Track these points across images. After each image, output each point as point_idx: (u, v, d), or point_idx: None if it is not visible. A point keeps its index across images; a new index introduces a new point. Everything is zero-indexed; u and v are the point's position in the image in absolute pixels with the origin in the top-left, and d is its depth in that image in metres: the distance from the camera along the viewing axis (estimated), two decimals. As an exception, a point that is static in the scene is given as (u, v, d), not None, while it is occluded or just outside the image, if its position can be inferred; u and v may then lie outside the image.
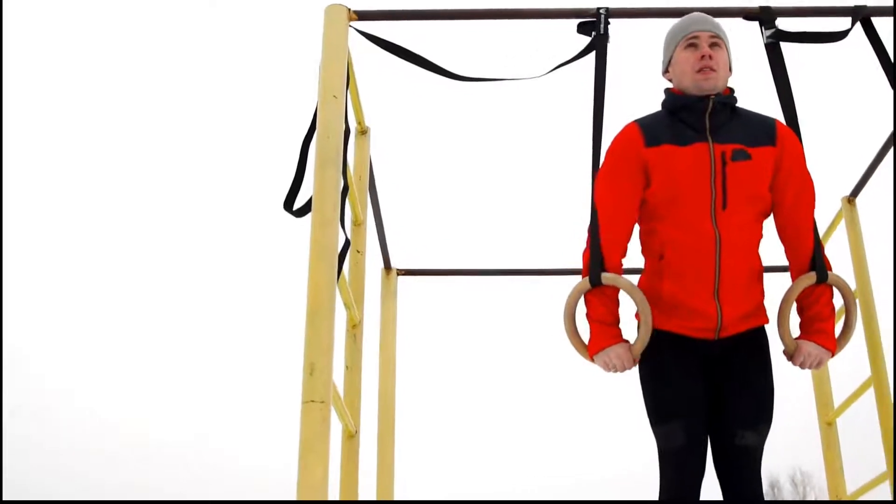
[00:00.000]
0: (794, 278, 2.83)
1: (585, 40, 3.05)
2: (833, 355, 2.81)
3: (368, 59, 3.30)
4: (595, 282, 2.78)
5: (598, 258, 2.78)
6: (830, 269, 2.80)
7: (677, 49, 2.86)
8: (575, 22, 3.07)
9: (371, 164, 3.76)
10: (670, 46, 2.90)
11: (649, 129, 2.80)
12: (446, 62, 3.15)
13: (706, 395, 2.72)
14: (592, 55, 3.01)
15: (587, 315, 2.82)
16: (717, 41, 2.83)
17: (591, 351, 2.79)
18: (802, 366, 2.79)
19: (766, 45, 3.03)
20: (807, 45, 3.08)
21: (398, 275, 4.92)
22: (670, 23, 3.10)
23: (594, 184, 2.86)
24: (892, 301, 4.14)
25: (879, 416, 3.75)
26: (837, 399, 4.44)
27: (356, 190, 3.52)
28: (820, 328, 2.78)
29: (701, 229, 2.70)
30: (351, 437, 3.33)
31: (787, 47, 3.04)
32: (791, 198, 2.79)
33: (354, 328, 3.49)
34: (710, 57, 2.78)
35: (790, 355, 2.79)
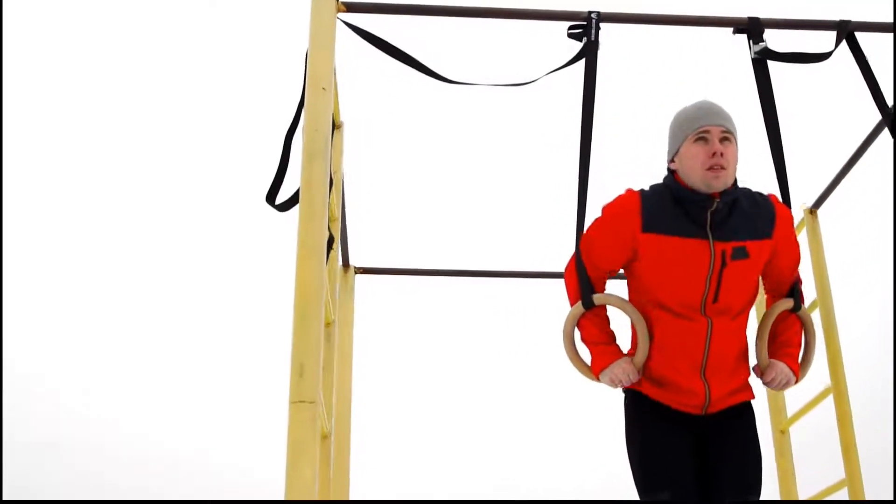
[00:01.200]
0: (770, 300, 2.94)
1: (575, 44, 3.03)
2: (797, 381, 2.90)
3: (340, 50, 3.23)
4: (588, 304, 2.81)
5: (587, 282, 2.81)
6: (803, 302, 2.92)
7: (686, 142, 2.77)
8: (566, 24, 3.06)
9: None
10: (678, 137, 2.81)
11: (649, 212, 2.76)
12: (432, 59, 3.10)
13: (694, 467, 2.73)
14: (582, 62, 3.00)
15: (583, 339, 2.86)
16: (728, 136, 2.75)
17: (595, 371, 2.83)
18: (771, 383, 2.85)
19: (754, 61, 3.04)
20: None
21: (356, 273, 4.86)
22: (661, 30, 3.12)
23: (584, 196, 2.88)
24: (848, 311, 4.22)
25: (839, 426, 3.82)
26: (791, 408, 4.54)
27: (334, 185, 3.45)
28: (789, 353, 2.87)
29: (692, 318, 2.73)
30: (325, 439, 3.26)
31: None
32: (780, 265, 2.88)
33: (328, 327, 3.42)
34: (722, 154, 2.70)
35: (762, 371, 2.85)
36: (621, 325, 2.90)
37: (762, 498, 2.82)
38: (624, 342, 2.92)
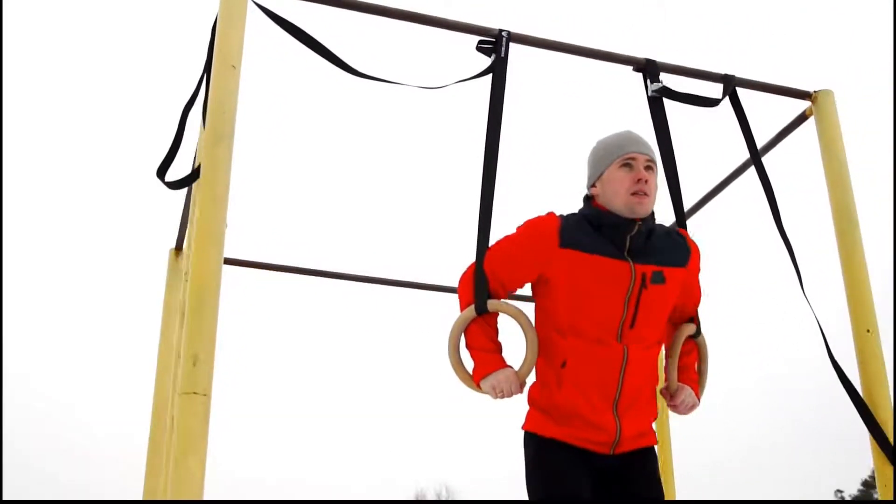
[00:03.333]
0: (671, 327, 2.95)
1: (485, 59, 3.06)
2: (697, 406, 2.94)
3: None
4: (481, 309, 2.73)
5: (484, 287, 2.74)
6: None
7: (611, 167, 2.78)
8: (476, 38, 3.08)
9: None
10: (603, 162, 2.81)
11: (568, 231, 2.73)
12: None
13: None
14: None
15: (468, 345, 2.76)
16: (652, 165, 2.79)
17: (476, 377, 2.73)
18: (680, 405, 2.87)
19: (650, 98, 3.18)
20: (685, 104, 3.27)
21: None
22: (566, 58, 3.20)
23: (487, 207, 2.84)
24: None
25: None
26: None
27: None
28: (691, 377, 2.92)
29: (608, 343, 2.68)
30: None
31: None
32: (687, 301, 2.94)
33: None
34: (646, 181, 2.74)
35: (671, 395, 2.88)
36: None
37: None
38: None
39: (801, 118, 3.51)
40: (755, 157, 3.31)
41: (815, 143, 3.40)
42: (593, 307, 2.68)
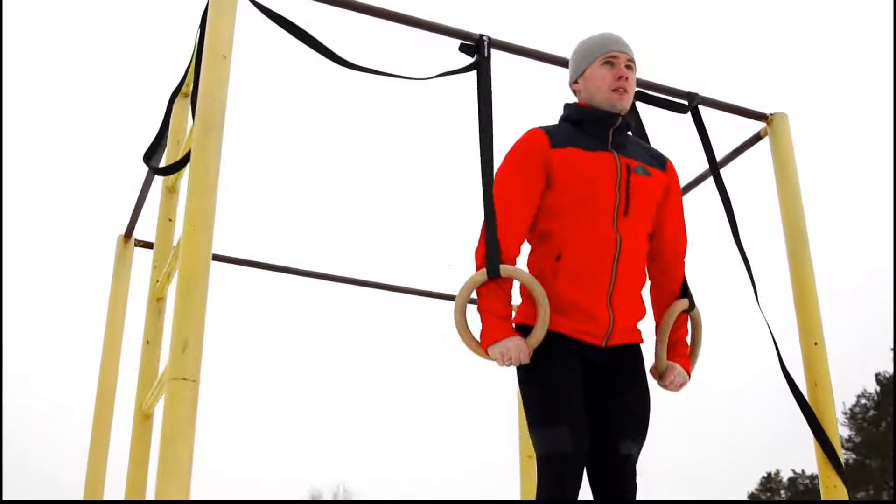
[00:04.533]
0: (662, 303, 2.95)
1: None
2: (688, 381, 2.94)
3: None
4: (493, 273, 2.70)
5: (496, 250, 2.71)
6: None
7: (594, 64, 2.91)
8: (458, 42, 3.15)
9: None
10: (586, 60, 2.94)
11: (554, 133, 2.85)
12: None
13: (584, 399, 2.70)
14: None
15: (480, 308, 2.73)
16: (632, 64, 2.93)
17: (484, 343, 2.69)
18: (671, 384, 2.87)
19: None
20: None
21: (136, 246, 4.59)
22: (542, 66, 3.30)
23: (490, 187, 2.83)
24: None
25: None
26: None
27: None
28: (682, 352, 2.93)
29: (603, 233, 2.75)
30: (146, 419, 3.10)
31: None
32: (673, 224, 2.96)
33: (159, 301, 3.26)
34: (626, 79, 2.88)
35: (660, 374, 2.88)
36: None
37: None
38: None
39: (756, 138, 3.68)
40: (715, 172, 3.46)
41: (770, 161, 3.57)
42: (589, 196, 2.76)
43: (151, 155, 2.83)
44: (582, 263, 2.74)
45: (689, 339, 2.97)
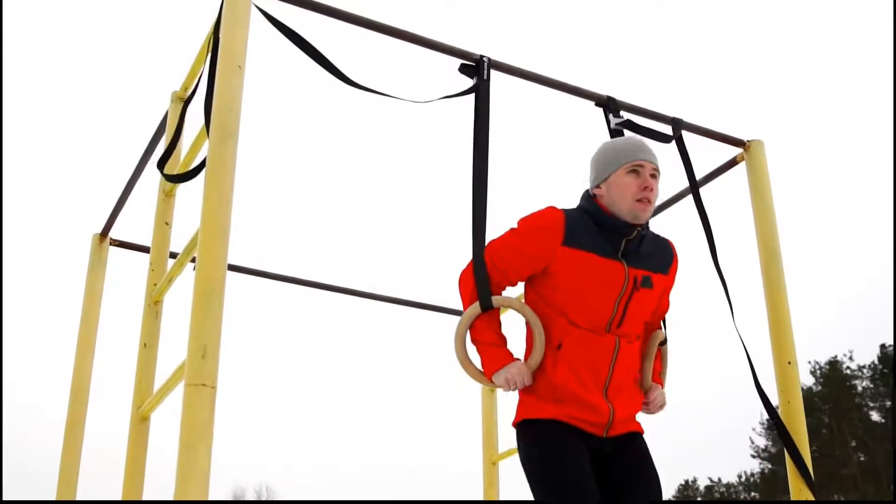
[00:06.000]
0: (645, 331, 3.05)
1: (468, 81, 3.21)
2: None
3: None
4: (486, 305, 2.79)
5: (485, 283, 2.80)
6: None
7: (619, 171, 2.86)
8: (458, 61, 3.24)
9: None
10: (611, 165, 2.89)
11: (571, 228, 2.81)
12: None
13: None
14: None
15: (475, 339, 2.82)
16: (656, 173, 2.89)
17: (488, 372, 2.78)
18: (653, 403, 2.98)
19: (612, 131, 3.43)
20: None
21: (111, 245, 4.59)
22: (541, 89, 3.40)
23: (481, 215, 2.92)
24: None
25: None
26: (503, 444, 5.07)
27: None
28: (660, 381, 3.06)
29: (600, 334, 2.79)
30: (143, 422, 3.12)
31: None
32: (660, 307, 3.07)
33: (157, 304, 3.27)
34: (651, 189, 2.84)
35: (644, 393, 2.97)
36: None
37: None
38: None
39: (732, 163, 3.84)
40: (696, 195, 3.59)
41: (747, 185, 3.74)
42: (587, 303, 2.79)
43: (165, 162, 2.85)
44: (581, 357, 2.79)
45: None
